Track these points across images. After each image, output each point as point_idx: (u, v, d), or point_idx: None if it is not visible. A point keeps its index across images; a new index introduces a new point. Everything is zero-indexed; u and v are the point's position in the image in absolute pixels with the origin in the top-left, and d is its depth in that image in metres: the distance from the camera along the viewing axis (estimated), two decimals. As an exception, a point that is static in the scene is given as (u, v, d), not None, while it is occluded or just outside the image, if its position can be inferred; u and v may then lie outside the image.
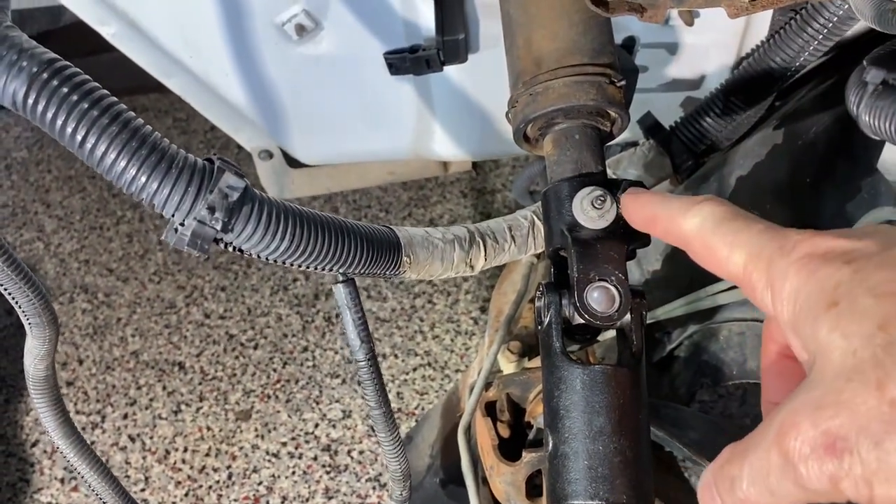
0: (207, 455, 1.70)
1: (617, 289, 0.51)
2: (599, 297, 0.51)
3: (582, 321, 0.52)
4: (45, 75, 0.43)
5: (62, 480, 1.66)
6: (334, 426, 1.73)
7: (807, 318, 0.32)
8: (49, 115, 0.43)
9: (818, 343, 0.31)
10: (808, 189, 0.76)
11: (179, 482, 1.66)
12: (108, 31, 0.90)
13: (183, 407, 1.77)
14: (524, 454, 0.73)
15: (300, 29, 0.84)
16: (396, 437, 0.58)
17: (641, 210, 0.46)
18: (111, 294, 1.98)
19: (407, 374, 1.82)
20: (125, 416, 1.76)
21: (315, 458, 1.68)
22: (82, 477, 0.65)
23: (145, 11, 0.86)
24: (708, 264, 0.39)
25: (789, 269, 0.33)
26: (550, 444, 0.52)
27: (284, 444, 1.71)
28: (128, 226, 2.12)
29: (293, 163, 1.12)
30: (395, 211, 2.14)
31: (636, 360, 0.52)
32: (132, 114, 0.45)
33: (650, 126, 0.79)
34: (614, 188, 0.54)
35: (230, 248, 0.49)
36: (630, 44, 0.86)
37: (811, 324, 0.31)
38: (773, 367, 0.41)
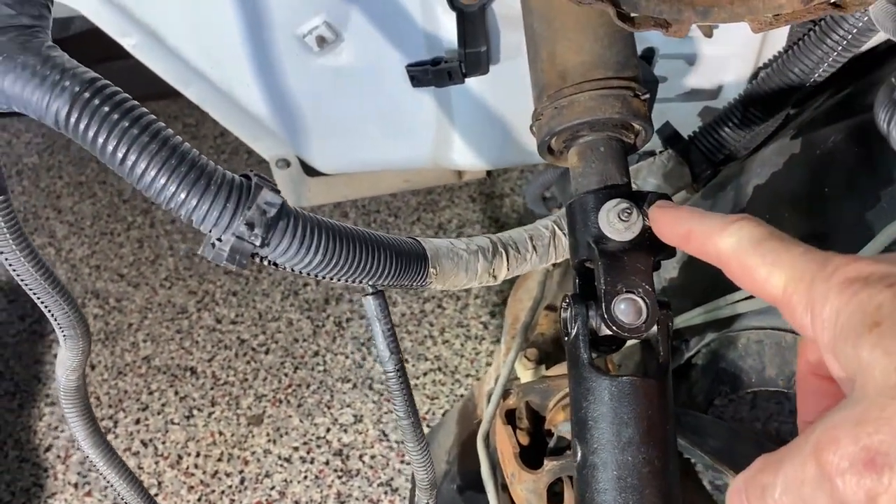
0: (220, 460, 1.70)
1: (644, 300, 0.52)
2: (627, 309, 0.52)
3: (609, 333, 0.53)
4: (86, 94, 0.43)
5: (76, 485, 1.67)
6: (346, 431, 1.74)
7: (848, 339, 0.32)
8: (91, 133, 0.44)
9: (859, 362, 0.31)
10: (826, 199, 0.76)
11: (192, 487, 1.67)
12: (129, 41, 0.91)
13: (195, 412, 1.78)
14: (546, 462, 0.74)
15: (321, 41, 0.85)
16: (425, 447, 0.59)
17: (674, 225, 0.46)
18: (122, 299, 1.99)
19: (417, 378, 1.82)
20: (137, 422, 1.77)
21: (327, 463, 1.69)
22: (111, 486, 0.66)
23: (167, 23, 0.87)
24: (744, 284, 0.39)
25: (830, 292, 0.33)
26: (579, 455, 0.53)
27: (296, 448, 1.72)
28: (138, 231, 2.13)
29: (310, 171, 1.13)
30: (404, 216, 2.15)
31: (663, 371, 0.53)
32: (171, 131, 0.46)
33: (669, 136, 0.80)
34: (640, 200, 0.54)
35: (265, 262, 0.49)
36: (649, 55, 0.87)
37: (852, 344, 0.32)
38: (808, 387, 0.42)
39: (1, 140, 2.39)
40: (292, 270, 0.50)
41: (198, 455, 1.71)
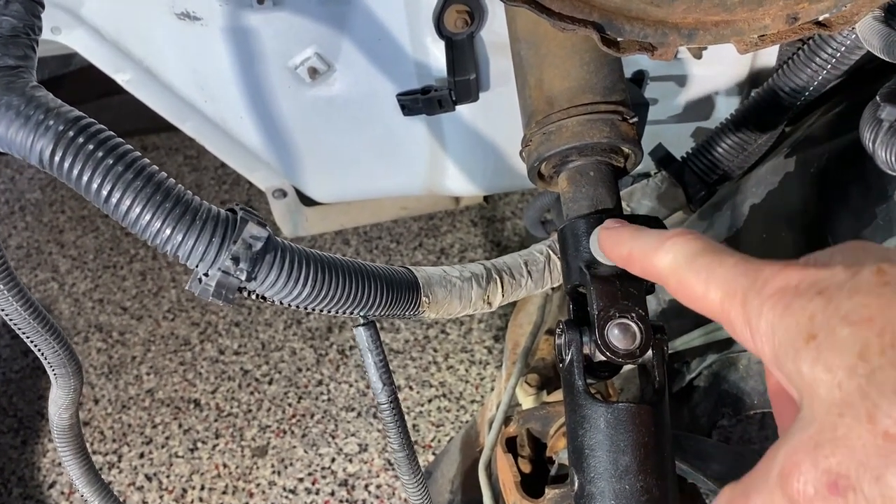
0: (224, 493, 1.69)
1: (638, 325, 0.51)
2: (620, 334, 0.51)
3: (603, 358, 0.52)
4: (70, 133, 0.43)
5: (80, 522, 1.66)
6: (351, 460, 1.72)
7: (787, 354, 0.32)
8: (75, 171, 0.44)
9: (802, 378, 0.31)
10: (822, 216, 0.76)
11: (197, 521, 1.65)
12: (124, 77, 0.91)
13: (199, 444, 1.77)
14: (547, 490, 0.73)
15: (313, 72, 0.85)
16: (421, 480, 0.58)
17: (617, 248, 0.46)
18: (125, 332, 1.99)
19: (422, 405, 1.81)
20: (141, 455, 1.76)
21: (332, 494, 1.67)
22: (107, 525, 0.65)
23: (161, 58, 0.88)
24: (685, 301, 0.39)
25: (763, 306, 0.33)
26: (576, 484, 0.52)
27: (301, 479, 1.70)
28: (141, 264, 2.14)
29: (307, 200, 1.13)
30: (406, 241, 2.14)
31: (659, 397, 0.52)
32: (155, 167, 0.46)
33: (662, 157, 0.80)
34: (631, 224, 0.54)
35: (253, 296, 0.49)
36: (639, 77, 0.87)
37: (792, 359, 0.31)
38: (779, 394, 0.41)
39: (4, 176, 2.41)
40: (281, 303, 0.50)
41: (202, 488, 1.70)
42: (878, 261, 0.31)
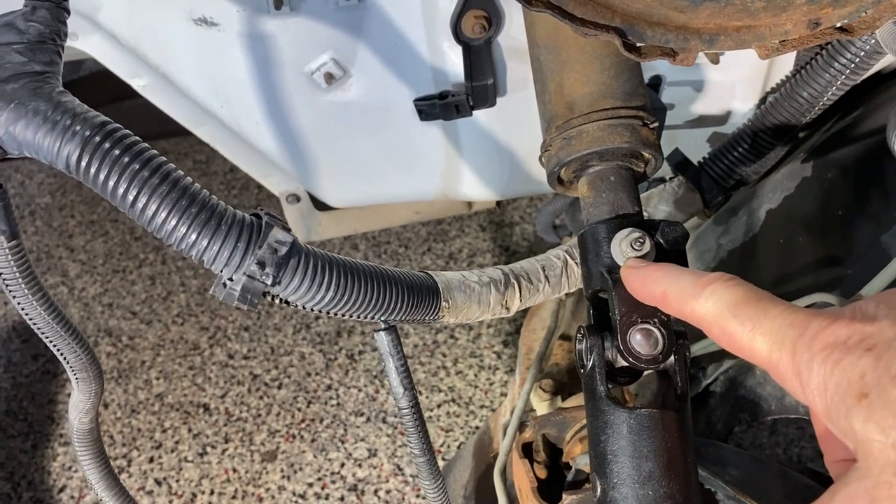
0: (234, 497, 1.69)
1: (660, 330, 0.51)
2: (643, 340, 0.51)
3: (625, 364, 0.52)
4: (97, 138, 0.44)
5: (90, 526, 1.66)
6: (360, 465, 1.72)
7: (840, 410, 0.33)
8: (102, 176, 0.44)
9: (855, 434, 0.32)
10: (840, 221, 0.76)
11: (207, 526, 1.65)
12: (140, 83, 0.92)
13: (209, 449, 1.77)
14: (564, 496, 0.73)
15: (329, 77, 0.86)
16: (441, 485, 0.58)
17: (649, 287, 0.46)
18: (135, 337, 1.99)
19: (431, 410, 1.81)
20: (151, 460, 1.76)
21: (342, 499, 1.67)
22: (125, 529, 0.65)
23: (177, 64, 0.88)
24: (729, 348, 0.39)
25: (813, 361, 0.34)
26: (599, 490, 0.52)
27: (311, 484, 1.70)
28: (150, 268, 2.14)
29: (320, 205, 1.13)
30: (415, 246, 2.14)
31: (682, 402, 0.52)
32: (181, 172, 0.46)
33: (679, 162, 0.79)
34: (652, 229, 0.54)
35: (277, 301, 0.49)
36: (657, 82, 0.87)
37: (845, 415, 0.32)
38: (826, 437, 0.42)
39: (14, 181, 2.42)
40: (304, 308, 0.50)
41: (212, 493, 1.70)
42: None
